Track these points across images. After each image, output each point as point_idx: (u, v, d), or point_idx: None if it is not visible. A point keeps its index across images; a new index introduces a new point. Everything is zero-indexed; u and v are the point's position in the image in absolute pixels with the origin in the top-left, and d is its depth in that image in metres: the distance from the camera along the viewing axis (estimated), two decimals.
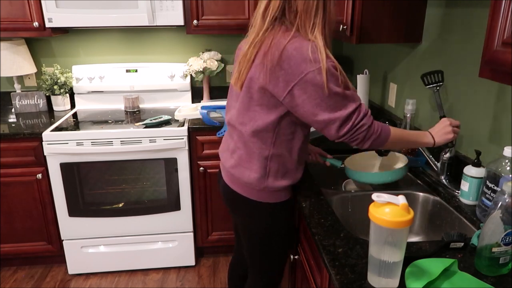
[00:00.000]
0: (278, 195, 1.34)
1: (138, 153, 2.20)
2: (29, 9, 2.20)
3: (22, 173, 2.22)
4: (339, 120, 1.14)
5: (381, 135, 1.20)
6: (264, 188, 1.30)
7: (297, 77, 1.12)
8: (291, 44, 1.12)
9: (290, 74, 1.12)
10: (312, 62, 1.10)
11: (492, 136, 1.31)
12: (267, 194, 1.32)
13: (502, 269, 0.96)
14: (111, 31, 2.63)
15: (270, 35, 1.18)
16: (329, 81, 1.11)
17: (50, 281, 2.38)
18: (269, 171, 1.28)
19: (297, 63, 1.11)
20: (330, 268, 0.97)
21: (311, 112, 1.15)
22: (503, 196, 0.90)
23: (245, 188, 1.33)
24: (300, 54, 1.11)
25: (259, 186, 1.30)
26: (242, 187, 1.34)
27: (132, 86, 2.57)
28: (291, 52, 1.11)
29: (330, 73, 1.11)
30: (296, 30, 1.16)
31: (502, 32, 0.83)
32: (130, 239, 2.37)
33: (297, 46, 1.12)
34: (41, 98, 2.58)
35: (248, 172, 1.29)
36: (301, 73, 1.11)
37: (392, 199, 0.85)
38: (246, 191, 1.33)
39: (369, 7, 1.61)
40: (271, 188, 1.30)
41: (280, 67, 1.13)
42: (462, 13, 1.44)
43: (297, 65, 1.11)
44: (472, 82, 1.40)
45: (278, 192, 1.33)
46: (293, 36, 1.14)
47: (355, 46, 2.58)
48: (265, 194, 1.32)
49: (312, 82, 1.11)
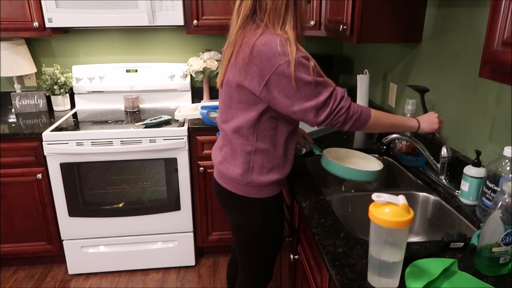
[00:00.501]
0: (264, 190, 1.35)
1: (138, 153, 2.20)
2: (29, 9, 2.20)
3: (22, 173, 2.22)
4: (316, 107, 1.19)
5: (361, 116, 1.23)
6: (248, 183, 1.33)
7: (269, 71, 1.16)
8: (260, 40, 1.17)
9: (263, 69, 1.16)
10: (281, 55, 1.14)
11: (492, 136, 1.31)
12: (253, 189, 1.34)
13: (502, 269, 0.96)
14: (111, 31, 2.63)
15: (242, 33, 1.23)
16: (299, 71, 1.15)
17: (50, 281, 2.38)
18: (253, 166, 1.31)
19: (267, 58, 1.15)
20: (330, 268, 0.97)
21: (287, 104, 1.19)
22: (503, 196, 0.90)
23: (231, 183, 1.36)
24: (269, 49, 1.15)
25: (243, 181, 1.32)
26: (228, 182, 1.37)
27: (132, 86, 2.57)
28: (260, 48, 1.16)
29: (301, 64, 1.15)
30: (265, 27, 1.20)
31: (502, 32, 0.83)
32: (130, 239, 2.37)
33: (266, 41, 1.16)
34: (41, 98, 2.58)
35: (233, 168, 1.33)
36: (272, 67, 1.15)
37: (392, 199, 0.85)
38: (232, 186, 1.36)
39: (369, 7, 1.61)
40: (255, 183, 1.32)
41: (252, 63, 1.17)
42: (462, 13, 1.44)
43: (267, 59, 1.15)
44: (472, 82, 1.40)
45: (265, 187, 1.35)
46: (262, 32, 1.19)
47: (355, 46, 2.58)
48: (251, 189, 1.34)
49: (284, 75, 1.15)
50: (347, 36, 1.72)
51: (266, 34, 1.18)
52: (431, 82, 1.67)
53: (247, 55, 1.18)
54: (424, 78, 1.73)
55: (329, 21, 2.05)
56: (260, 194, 1.35)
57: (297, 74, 1.15)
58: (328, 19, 2.06)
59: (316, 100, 1.18)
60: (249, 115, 1.25)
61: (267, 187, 1.35)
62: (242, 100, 1.25)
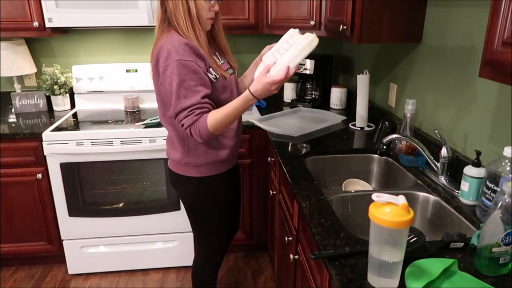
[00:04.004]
0: (202, 170, 1.55)
1: (138, 153, 2.20)
2: (29, 9, 2.20)
3: (22, 173, 2.22)
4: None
5: (200, 132, 1.39)
6: (186, 164, 1.54)
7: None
8: (160, 42, 1.41)
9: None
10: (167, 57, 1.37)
11: (492, 136, 1.31)
12: (191, 169, 1.55)
13: (502, 269, 0.96)
14: (111, 31, 2.63)
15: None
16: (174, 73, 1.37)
17: (50, 281, 2.38)
18: (188, 149, 1.52)
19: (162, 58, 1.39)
20: (330, 268, 0.97)
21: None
22: (503, 196, 0.90)
23: (174, 164, 1.59)
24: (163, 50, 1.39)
25: (182, 162, 1.54)
26: (172, 163, 1.61)
27: (132, 86, 2.57)
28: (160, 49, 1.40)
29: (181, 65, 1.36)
30: (172, 28, 1.42)
31: (502, 32, 0.83)
32: (130, 239, 2.37)
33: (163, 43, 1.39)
34: (41, 98, 2.58)
35: (174, 152, 1.56)
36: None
37: (392, 199, 0.85)
38: (175, 167, 1.59)
39: (369, 7, 1.61)
40: (192, 164, 1.53)
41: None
42: (462, 13, 1.44)
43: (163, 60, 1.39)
44: (472, 82, 1.40)
45: (202, 167, 1.54)
46: (167, 33, 1.42)
47: (355, 46, 2.58)
48: (189, 169, 1.55)
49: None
50: (347, 36, 1.72)
51: (167, 35, 1.42)
52: (431, 82, 1.67)
53: (153, 57, 1.47)
54: (424, 78, 1.73)
55: (329, 21, 2.05)
56: (197, 174, 1.55)
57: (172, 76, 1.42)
58: (328, 19, 2.07)
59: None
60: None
61: (203, 167, 1.55)
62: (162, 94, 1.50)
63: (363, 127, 2.10)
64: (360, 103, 2.07)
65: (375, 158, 1.81)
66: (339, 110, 2.52)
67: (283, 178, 1.76)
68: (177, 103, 1.37)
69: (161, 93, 1.48)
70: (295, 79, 2.69)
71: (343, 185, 1.70)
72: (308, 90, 2.62)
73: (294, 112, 2.40)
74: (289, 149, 1.82)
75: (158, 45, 1.41)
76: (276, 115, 2.30)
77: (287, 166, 1.61)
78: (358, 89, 2.05)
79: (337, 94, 2.51)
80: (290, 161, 1.67)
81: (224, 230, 1.73)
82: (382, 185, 1.79)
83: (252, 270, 2.47)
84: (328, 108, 2.54)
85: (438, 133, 1.43)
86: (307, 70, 2.48)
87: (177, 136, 1.52)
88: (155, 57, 1.42)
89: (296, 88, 2.67)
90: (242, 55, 2.71)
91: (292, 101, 2.65)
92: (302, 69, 2.49)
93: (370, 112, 2.14)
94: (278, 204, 1.94)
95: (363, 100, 2.06)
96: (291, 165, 1.62)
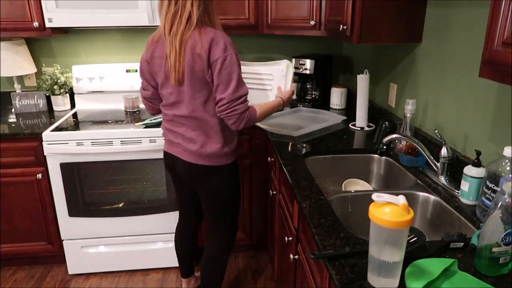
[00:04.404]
0: (232, 157, 1.76)
1: (138, 153, 2.20)
2: (29, 9, 2.20)
3: (22, 173, 2.22)
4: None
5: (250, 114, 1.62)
6: (224, 153, 1.70)
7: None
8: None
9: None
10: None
11: (492, 136, 1.31)
12: (226, 158, 1.72)
13: (502, 269, 0.96)
14: (111, 31, 2.63)
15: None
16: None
17: (50, 281, 2.38)
18: (225, 138, 1.68)
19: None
20: (330, 268, 0.97)
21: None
22: (503, 196, 0.90)
23: (208, 157, 1.68)
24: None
25: (221, 152, 1.68)
26: (205, 157, 1.68)
27: (132, 86, 2.57)
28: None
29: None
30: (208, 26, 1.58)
31: (502, 32, 0.83)
32: (130, 239, 2.37)
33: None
34: (41, 98, 2.58)
35: (211, 144, 1.66)
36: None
37: (392, 199, 0.85)
38: (211, 160, 1.69)
39: (369, 7, 1.61)
40: (229, 152, 1.72)
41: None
42: (462, 13, 1.44)
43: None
44: (472, 82, 1.40)
45: (232, 155, 1.76)
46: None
47: (355, 46, 2.58)
48: (225, 158, 1.72)
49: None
50: (347, 36, 1.72)
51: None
52: (431, 82, 1.67)
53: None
54: (424, 78, 1.73)
55: (329, 21, 2.05)
56: (228, 160, 1.74)
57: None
58: (328, 19, 2.07)
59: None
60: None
61: (230, 155, 1.74)
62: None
63: (363, 127, 2.10)
64: (360, 103, 2.07)
65: (375, 158, 1.81)
66: (339, 110, 2.52)
67: (283, 178, 1.76)
68: (236, 90, 1.53)
69: (206, 82, 1.55)
70: (295, 79, 2.69)
71: (343, 185, 1.70)
72: (308, 90, 2.62)
73: (294, 112, 2.40)
74: (289, 149, 1.82)
75: (206, 37, 1.50)
76: (276, 115, 2.30)
77: (287, 166, 1.62)
78: (358, 89, 2.05)
79: (337, 94, 2.51)
80: (290, 161, 1.67)
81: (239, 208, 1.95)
82: (382, 185, 1.79)
83: (252, 270, 2.47)
84: (328, 108, 2.54)
85: (438, 133, 1.43)
86: (307, 70, 2.48)
87: (215, 127, 1.63)
88: (207, 48, 1.49)
89: (296, 88, 2.67)
90: (243, 55, 2.71)
91: (292, 101, 2.65)
92: (302, 69, 2.49)
93: (370, 112, 2.14)
94: (278, 204, 1.94)
95: (363, 100, 2.06)
96: (291, 165, 1.62)
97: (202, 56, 1.50)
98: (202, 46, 1.49)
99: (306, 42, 2.78)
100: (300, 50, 2.79)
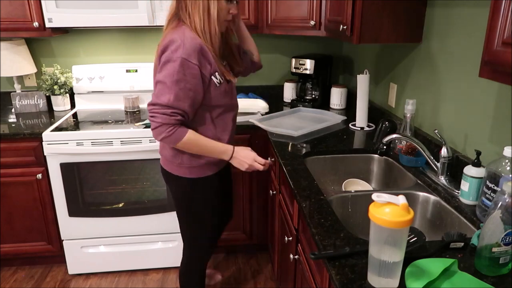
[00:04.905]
0: (195, 171, 1.57)
1: (138, 153, 2.20)
2: (29, 9, 2.20)
3: (22, 173, 2.22)
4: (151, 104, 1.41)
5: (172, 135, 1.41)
6: (180, 164, 1.55)
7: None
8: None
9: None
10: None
11: (492, 136, 1.31)
12: (184, 169, 1.56)
13: (502, 269, 0.96)
14: (111, 31, 2.63)
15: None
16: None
17: (50, 281, 2.38)
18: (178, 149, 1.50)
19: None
20: (330, 268, 0.97)
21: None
22: (503, 196, 0.90)
23: (166, 162, 1.60)
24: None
25: (175, 162, 1.55)
26: (164, 161, 1.62)
27: (132, 86, 2.57)
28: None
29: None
30: (184, 24, 1.44)
31: (502, 32, 0.83)
32: (130, 239, 2.37)
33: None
34: (41, 98, 2.58)
35: (166, 150, 1.57)
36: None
37: (392, 199, 0.85)
38: (167, 165, 1.60)
39: (369, 7, 1.61)
40: (186, 165, 1.55)
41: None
42: (462, 13, 1.44)
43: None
44: (472, 82, 1.40)
45: (195, 168, 1.56)
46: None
47: (355, 46, 2.58)
48: (183, 169, 1.56)
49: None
50: (347, 36, 1.72)
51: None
52: (431, 82, 1.67)
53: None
54: (424, 78, 1.73)
55: (329, 21, 2.05)
56: (190, 175, 1.57)
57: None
58: (328, 19, 2.07)
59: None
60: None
61: (197, 168, 1.57)
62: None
63: (363, 127, 2.10)
64: (360, 103, 2.07)
65: (375, 158, 1.81)
66: (339, 110, 2.52)
67: (283, 178, 1.76)
68: (164, 94, 1.36)
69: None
70: (295, 79, 2.69)
71: (343, 185, 1.70)
72: (308, 90, 2.62)
73: (294, 112, 2.40)
74: (289, 149, 1.82)
75: (169, 37, 1.39)
76: (276, 115, 2.30)
77: (287, 166, 1.61)
78: (358, 89, 2.05)
79: (337, 94, 2.51)
80: (290, 161, 1.67)
81: (213, 226, 1.75)
82: (382, 185, 1.79)
83: (252, 270, 2.47)
84: (328, 108, 2.54)
85: (438, 133, 1.43)
86: (307, 70, 2.48)
87: None
88: (162, 49, 1.39)
89: (296, 88, 2.67)
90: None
91: (292, 101, 2.65)
92: (302, 69, 2.49)
93: (370, 112, 2.14)
94: (278, 204, 1.94)
95: (363, 100, 2.06)
96: (291, 165, 1.62)
97: (156, 57, 1.44)
98: (159, 47, 1.43)
99: (306, 42, 2.78)
100: (300, 50, 2.79)
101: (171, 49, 1.36)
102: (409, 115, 1.63)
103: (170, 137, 1.40)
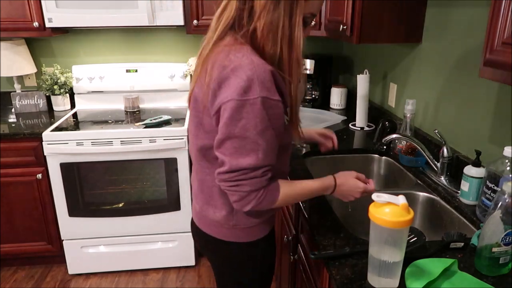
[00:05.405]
0: (253, 232, 1.14)
1: (138, 153, 2.20)
2: (29, 9, 2.20)
3: (22, 173, 2.22)
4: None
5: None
6: (234, 226, 1.11)
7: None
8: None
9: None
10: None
11: (492, 136, 1.31)
12: (239, 232, 1.12)
13: (502, 269, 0.96)
14: (111, 31, 2.63)
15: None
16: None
17: (50, 281, 2.38)
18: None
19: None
20: (330, 268, 0.97)
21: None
22: (503, 196, 0.90)
23: (211, 225, 1.14)
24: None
25: (228, 224, 1.10)
26: (207, 224, 1.15)
27: (132, 86, 2.57)
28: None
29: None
30: (245, 42, 0.98)
31: (502, 32, 0.83)
32: (130, 239, 2.37)
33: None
34: (41, 98, 2.58)
35: (213, 209, 1.11)
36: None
37: (392, 199, 0.85)
38: (213, 229, 1.14)
39: (369, 7, 1.61)
40: (242, 226, 1.11)
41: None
42: (462, 13, 1.44)
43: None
44: (472, 82, 1.40)
45: (253, 229, 1.13)
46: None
47: (355, 46, 2.58)
48: (236, 232, 1.12)
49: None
50: (347, 36, 1.72)
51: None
52: (431, 82, 1.67)
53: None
54: (424, 78, 1.73)
55: (329, 21, 2.05)
56: (246, 238, 1.14)
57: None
58: (328, 19, 2.06)
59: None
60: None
61: (254, 228, 1.13)
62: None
63: (363, 127, 2.10)
64: (360, 103, 2.07)
65: (375, 158, 1.81)
66: (339, 110, 2.51)
67: None
68: (248, 154, 0.93)
69: (209, 123, 1.01)
70: None
71: None
72: (308, 90, 2.62)
73: None
74: None
75: (226, 60, 0.94)
76: None
77: None
78: (358, 89, 2.05)
79: (337, 94, 2.51)
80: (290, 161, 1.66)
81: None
82: (382, 185, 1.79)
83: None
84: (328, 108, 2.54)
85: (438, 133, 1.43)
86: (307, 70, 2.47)
87: (217, 186, 1.04)
88: (218, 76, 0.94)
89: None
90: None
91: None
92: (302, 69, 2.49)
93: (370, 112, 2.14)
94: None
95: (363, 100, 2.06)
96: (291, 165, 1.62)
97: (209, 86, 0.97)
98: (207, 69, 0.98)
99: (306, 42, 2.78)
100: None
101: (239, 85, 0.90)
102: (409, 115, 1.63)
103: (262, 203, 0.99)
